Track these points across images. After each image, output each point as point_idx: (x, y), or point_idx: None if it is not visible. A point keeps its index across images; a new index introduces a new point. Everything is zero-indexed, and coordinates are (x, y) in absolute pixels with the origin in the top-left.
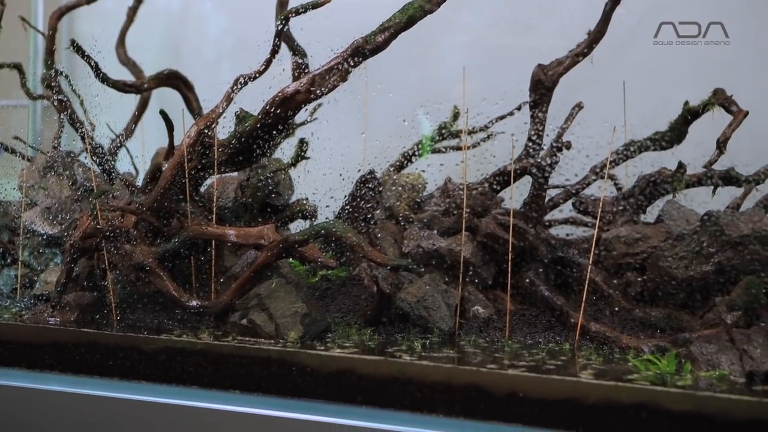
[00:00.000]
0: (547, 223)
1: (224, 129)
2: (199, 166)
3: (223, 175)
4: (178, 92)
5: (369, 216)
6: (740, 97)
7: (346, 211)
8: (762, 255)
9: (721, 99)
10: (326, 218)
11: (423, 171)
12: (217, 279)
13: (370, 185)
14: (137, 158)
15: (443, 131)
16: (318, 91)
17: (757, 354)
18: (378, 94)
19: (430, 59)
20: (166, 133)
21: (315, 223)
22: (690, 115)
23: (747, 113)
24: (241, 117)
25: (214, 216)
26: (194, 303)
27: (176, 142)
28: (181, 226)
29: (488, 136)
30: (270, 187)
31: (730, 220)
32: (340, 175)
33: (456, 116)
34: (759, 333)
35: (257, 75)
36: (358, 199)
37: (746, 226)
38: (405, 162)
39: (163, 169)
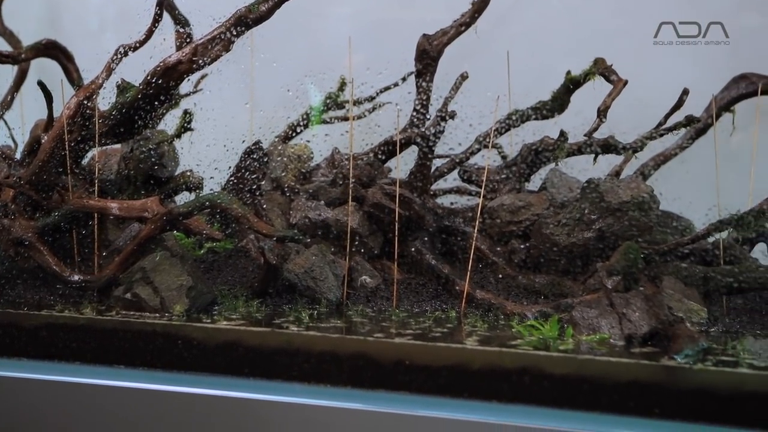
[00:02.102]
0: (433, 193)
1: (105, 100)
2: (80, 138)
3: (106, 147)
4: (57, 63)
5: (255, 187)
6: (618, 66)
7: (231, 183)
8: (640, 221)
9: (601, 68)
10: (211, 190)
11: (308, 141)
12: (99, 253)
13: (255, 156)
14: (15, 130)
15: (328, 102)
16: (201, 61)
17: (635, 317)
18: (262, 64)
19: (315, 29)
20: (45, 104)
21: (200, 195)
22: (572, 84)
23: (626, 82)
24: (122, 88)
25: (96, 189)
26: (76, 278)
27: (56, 114)
28: (61, 199)
29: (374, 108)
30: (153, 159)
31: (610, 187)
32: (225, 146)
33: (342, 86)
34: (637, 297)
35: (138, 45)
36: (244, 171)
37: (625, 192)
38: (291, 133)
39: (43, 141)
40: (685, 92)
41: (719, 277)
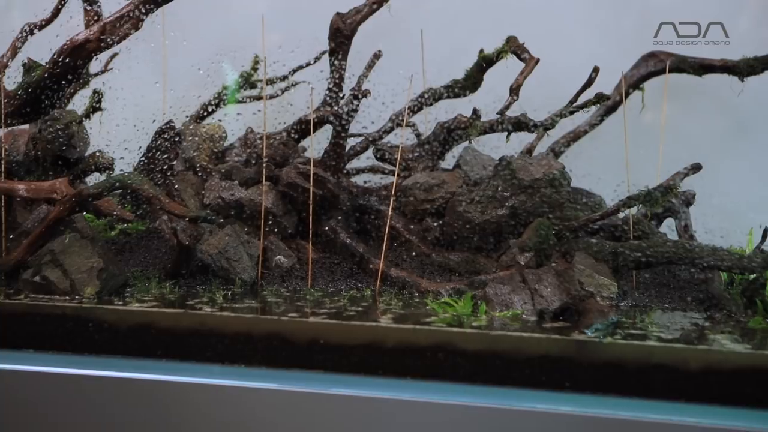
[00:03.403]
0: (347, 172)
1: (11, 80)
2: None
3: (13, 127)
4: None
5: (167, 168)
6: (529, 44)
7: (143, 163)
8: (552, 197)
9: (513, 47)
10: (122, 171)
11: (221, 121)
12: (7, 236)
13: (167, 136)
14: None
15: (241, 81)
16: (109, 40)
17: (547, 292)
18: (173, 42)
19: (227, 7)
20: None
21: (111, 175)
22: (485, 62)
23: (538, 60)
24: (29, 67)
25: (2, 170)
26: None
27: None
28: None
29: (287, 87)
30: (62, 140)
31: (522, 164)
32: (135, 126)
33: (255, 65)
34: (549, 272)
35: (45, 23)
36: (155, 151)
37: (537, 170)
38: (203, 112)
39: None
40: (595, 70)
41: (628, 252)
